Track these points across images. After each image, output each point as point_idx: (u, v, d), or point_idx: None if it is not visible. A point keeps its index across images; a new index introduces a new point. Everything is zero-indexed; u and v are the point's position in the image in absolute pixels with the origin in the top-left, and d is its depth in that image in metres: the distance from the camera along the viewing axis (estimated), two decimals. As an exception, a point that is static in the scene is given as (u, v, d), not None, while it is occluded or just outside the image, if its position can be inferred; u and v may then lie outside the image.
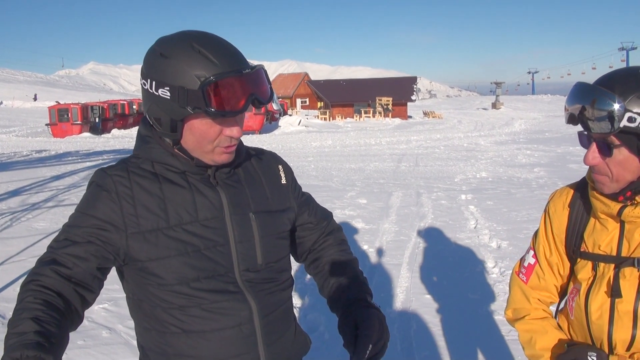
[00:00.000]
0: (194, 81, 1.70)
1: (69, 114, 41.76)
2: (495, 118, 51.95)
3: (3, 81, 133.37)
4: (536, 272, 2.27)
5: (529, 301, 2.27)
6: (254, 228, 1.94)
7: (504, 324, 5.59)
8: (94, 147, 29.19)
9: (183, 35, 1.80)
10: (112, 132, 43.72)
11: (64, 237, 1.79)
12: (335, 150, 25.58)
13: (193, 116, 1.77)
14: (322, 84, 73.79)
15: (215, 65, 1.71)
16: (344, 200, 12.10)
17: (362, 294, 2.08)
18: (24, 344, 1.49)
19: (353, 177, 16.03)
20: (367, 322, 1.92)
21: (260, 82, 1.80)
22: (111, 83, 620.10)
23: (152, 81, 1.77)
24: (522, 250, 7.23)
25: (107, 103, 48.38)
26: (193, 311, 1.84)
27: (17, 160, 20.95)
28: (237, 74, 1.73)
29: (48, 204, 11.54)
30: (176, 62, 1.73)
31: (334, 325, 5.33)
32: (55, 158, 21.70)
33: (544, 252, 2.24)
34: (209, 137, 1.81)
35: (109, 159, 20.82)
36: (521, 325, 2.27)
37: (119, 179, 1.84)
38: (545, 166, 17.75)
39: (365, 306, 2.00)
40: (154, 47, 1.81)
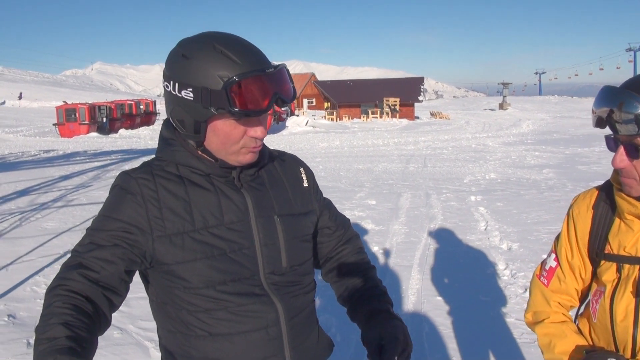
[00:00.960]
0: (217, 81, 1.69)
1: (76, 113, 41.87)
2: (502, 119, 51.87)
3: (10, 81, 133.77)
4: (557, 275, 2.25)
5: (549, 304, 2.26)
6: (279, 231, 1.93)
7: (516, 326, 5.57)
8: (101, 147, 29.28)
9: (205, 37, 1.79)
10: (120, 132, 43.81)
11: (89, 241, 1.77)
12: (343, 151, 25.58)
13: (217, 117, 1.76)
14: (329, 85, 73.78)
15: (238, 65, 1.70)
16: (353, 201, 12.08)
17: (384, 304, 2.07)
18: (56, 349, 1.47)
19: (362, 177, 16.03)
20: (391, 334, 1.91)
21: (283, 80, 1.78)
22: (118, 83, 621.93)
23: (174, 83, 1.76)
24: (533, 253, 7.24)
25: (115, 103, 48.48)
26: (219, 314, 1.83)
27: (25, 160, 21.05)
28: (260, 73, 1.72)
29: (57, 203, 11.58)
30: (199, 62, 1.72)
31: (346, 327, 5.33)
32: (63, 158, 21.78)
33: (566, 255, 2.23)
34: (234, 138, 1.80)
35: (117, 159, 20.87)
36: (540, 329, 2.26)
37: (144, 181, 1.82)
38: (554, 167, 17.70)
39: (389, 317, 1.99)
40: (176, 49, 1.81)
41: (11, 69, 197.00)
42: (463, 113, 66.34)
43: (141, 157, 21.28)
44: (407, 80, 71.61)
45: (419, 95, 64.45)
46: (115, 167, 17.91)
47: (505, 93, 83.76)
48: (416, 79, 69.97)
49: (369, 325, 1.99)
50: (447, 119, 55.01)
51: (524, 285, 6.65)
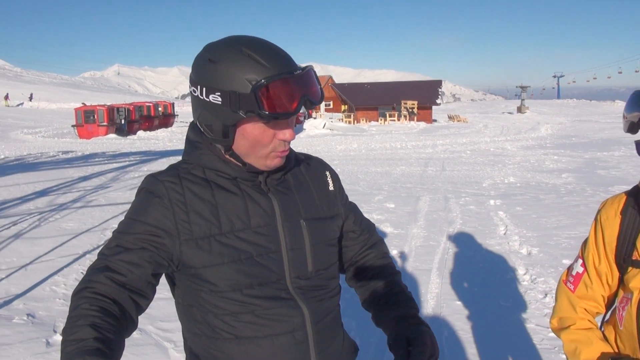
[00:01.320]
0: (245, 85, 1.69)
1: (95, 115, 42.15)
2: (521, 122, 51.63)
3: (28, 82, 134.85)
4: (584, 281, 2.24)
5: (576, 311, 2.25)
6: (305, 235, 1.92)
7: (535, 332, 5.54)
8: (120, 148, 29.43)
9: (231, 40, 1.79)
10: (138, 133, 44.03)
11: (116, 244, 1.77)
12: (361, 153, 25.55)
13: (245, 120, 1.75)
14: (346, 87, 73.84)
15: (265, 68, 1.70)
16: (372, 204, 12.08)
17: (411, 309, 2.05)
18: (84, 350, 1.47)
19: (380, 180, 16.01)
20: (419, 340, 1.88)
21: (311, 82, 1.78)
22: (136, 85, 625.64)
23: (202, 87, 1.75)
24: (553, 258, 7.19)
25: (133, 105, 48.74)
26: (246, 317, 1.83)
27: (44, 161, 21.19)
28: (288, 75, 1.71)
29: (76, 204, 11.65)
30: (226, 66, 1.71)
31: (365, 330, 5.32)
32: (82, 159, 21.91)
33: (593, 260, 2.21)
34: (263, 141, 1.80)
35: (136, 160, 20.95)
36: (566, 335, 2.24)
37: (171, 185, 1.82)
38: (573, 172, 17.59)
39: (417, 323, 1.97)
40: (202, 54, 1.80)
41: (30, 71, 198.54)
42: (481, 116, 66.11)
43: (159, 158, 21.37)
44: (424, 83, 71.55)
45: (437, 98, 64.32)
46: (134, 169, 17.99)
47: (524, 96, 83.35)
48: (434, 82, 69.87)
49: (395, 331, 1.96)
50: (465, 122, 54.80)
51: (543, 290, 6.61)
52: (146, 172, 16.56)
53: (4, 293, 6.41)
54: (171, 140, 36.75)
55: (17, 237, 8.67)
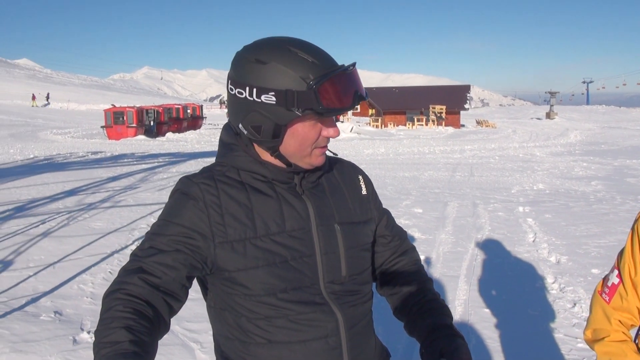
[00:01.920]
0: (301, 83, 1.69)
1: (124, 116, 42.45)
2: (550, 128, 51.19)
3: (58, 84, 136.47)
4: (619, 292, 2.20)
5: (610, 322, 2.21)
6: (339, 239, 1.91)
7: (564, 342, 5.48)
8: (149, 149, 29.62)
9: (275, 41, 1.78)
10: (167, 135, 44.29)
11: (149, 246, 1.76)
12: (388, 158, 25.48)
13: (296, 120, 1.75)
14: (374, 91, 73.69)
15: (317, 66, 1.71)
16: (399, 209, 12.03)
17: (446, 318, 2.01)
18: (120, 353, 1.47)
19: (408, 185, 15.94)
20: (455, 354, 1.84)
21: (358, 78, 1.79)
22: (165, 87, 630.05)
23: (252, 88, 1.74)
24: (582, 267, 7.12)
25: (162, 107, 49.05)
26: (279, 322, 1.82)
27: (73, 161, 21.42)
28: (342, 72, 1.73)
29: (104, 204, 11.75)
30: (277, 66, 1.71)
31: (392, 336, 5.29)
32: (111, 159, 22.10)
33: (629, 271, 2.16)
34: (311, 139, 1.80)
35: (164, 161, 21.09)
36: (600, 347, 2.20)
37: (206, 187, 1.81)
38: (602, 179, 17.39)
39: (452, 334, 1.92)
40: (245, 55, 1.78)
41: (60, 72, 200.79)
42: (510, 122, 65.65)
43: (188, 160, 21.46)
44: (453, 87, 71.22)
45: (465, 103, 64.00)
46: (163, 170, 18.09)
47: (553, 102, 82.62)
48: (462, 87, 69.53)
49: (429, 340, 1.93)
50: (493, 128, 54.45)
51: (572, 299, 6.53)
52: (174, 173, 16.70)
53: (32, 290, 6.47)
54: (199, 142, 36.94)
55: (45, 236, 8.76)
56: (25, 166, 19.29)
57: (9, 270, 7.13)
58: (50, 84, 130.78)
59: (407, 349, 5.29)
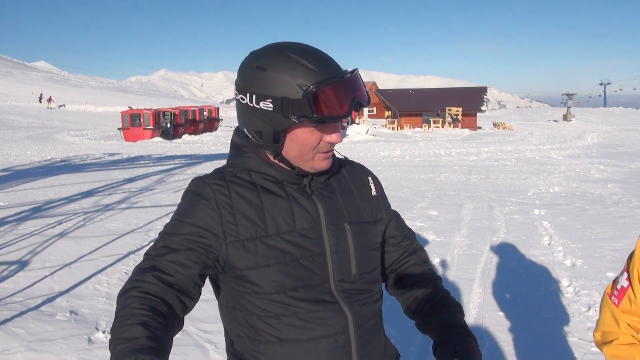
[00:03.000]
0: (297, 90, 1.72)
1: (141, 119, 42.64)
2: (566, 130, 50.87)
3: (75, 86, 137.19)
4: (628, 295, 2.19)
5: (619, 325, 2.21)
6: (349, 239, 1.93)
7: (578, 346, 5.45)
8: (165, 151, 29.75)
9: (277, 47, 1.81)
10: (183, 137, 44.48)
11: (163, 245, 1.79)
12: (404, 160, 25.44)
13: (295, 125, 1.78)
14: (390, 93, 73.55)
15: (315, 73, 1.73)
16: (414, 211, 12.02)
17: (459, 316, 2.03)
18: (137, 349, 1.49)
19: (423, 188, 15.92)
20: (467, 353, 1.87)
21: (358, 85, 1.80)
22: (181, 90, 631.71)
23: (252, 95, 1.78)
24: (597, 270, 7.06)
25: (179, 109, 49.22)
26: (289, 320, 1.84)
27: (90, 163, 21.54)
28: (338, 79, 1.74)
29: (121, 205, 11.82)
30: (276, 73, 1.74)
31: (405, 338, 5.29)
32: (128, 161, 22.22)
33: (638, 274, 2.16)
34: (311, 144, 1.83)
35: (181, 163, 21.17)
36: (608, 350, 2.21)
37: (218, 187, 1.85)
38: (619, 182, 17.26)
39: (465, 334, 1.95)
40: (249, 62, 1.83)
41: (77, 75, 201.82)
42: (526, 124, 65.31)
43: (204, 162, 21.56)
44: (469, 89, 70.91)
45: (482, 105, 63.73)
46: (179, 172, 18.18)
47: (570, 104, 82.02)
48: (479, 89, 69.21)
49: (443, 338, 1.94)
50: (510, 130, 54.19)
51: (587, 303, 6.50)
52: (191, 175, 16.77)
53: (48, 290, 6.53)
54: (215, 144, 37.06)
55: (62, 236, 8.83)
56: (43, 167, 19.44)
57: (25, 270, 7.19)
58: (67, 87, 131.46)
59: (420, 351, 5.29)
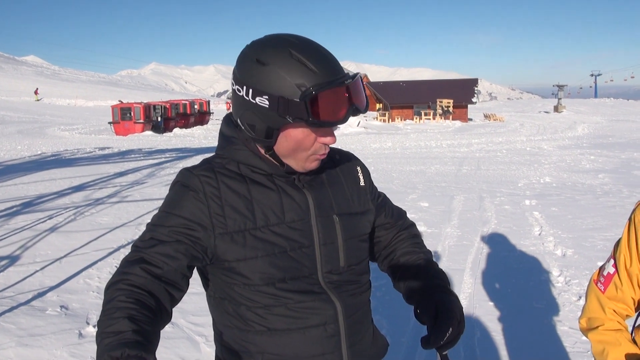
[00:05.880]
0: (295, 91, 1.68)
1: (131, 112, 42.56)
2: (557, 122, 50.94)
3: (66, 81, 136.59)
4: (614, 282, 2.20)
5: (604, 311, 2.21)
6: (338, 230, 1.93)
7: (569, 335, 5.47)
8: (156, 145, 29.71)
9: (279, 41, 1.77)
10: (174, 131, 44.38)
11: (150, 237, 1.78)
12: (395, 152, 25.46)
13: (290, 125, 1.75)
14: (382, 86, 73.54)
15: (316, 75, 1.69)
16: (405, 203, 12.00)
17: (442, 280, 2.04)
18: (123, 343, 1.47)
19: (414, 179, 15.94)
20: (448, 306, 1.88)
21: (359, 91, 1.77)
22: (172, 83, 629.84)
23: (248, 88, 1.74)
24: (588, 260, 7.10)
25: (169, 103, 49.13)
26: (278, 310, 1.85)
27: (81, 157, 21.50)
28: (339, 85, 1.71)
29: (111, 199, 11.81)
30: (275, 70, 1.70)
31: (397, 328, 5.30)
32: (118, 155, 22.19)
33: (625, 262, 2.17)
34: (305, 145, 1.81)
35: (171, 157, 21.16)
36: (594, 336, 2.21)
37: (206, 179, 1.83)
38: (609, 172, 17.33)
39: (448, 292, 1.97)
40: (248, 53, 1.79)
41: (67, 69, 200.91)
42: (517, 115, 65.39)
43: (195, 155, 21.53)
44: (460, 81, 70.96)
45: (473, 97, 63.79)
46: (170, 165, 18.15)
47: (560, 95, 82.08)
48: (470, 81, 69.26)
49: (424, 297, 1.96)
50: (501, 121, 54.25)
51: (578, 292, 6.52)
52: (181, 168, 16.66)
53: (39, 285, 6.52)
54: (206, 137, 37.01)
55: (53, 231, 8.82)
56: (33, 162, 19.39)
57: (16, 265, 7.18)
58: (58, 81, 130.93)
59: (411, 341, 5.31)
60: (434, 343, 1.82)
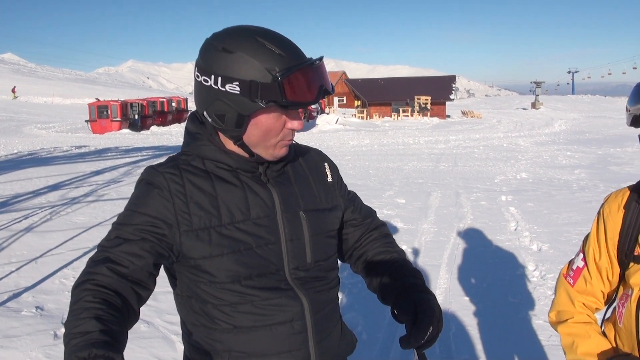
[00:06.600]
0: (265, 74, 1.69)
1: (108, 110, 42.20)
2: (535, 118, 51.24)
3: (43, 78, 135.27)
4: (584, 275, 2.22)
5: (574, 305, 2.23)
6: (304, 226, 1.93)
7: (544, 328, 5.51)
8: (133, 143, 29.51)
9: (243, 30, 1.78)
10: (151, 129, 44.10)
11: (116, 235, 1.76)
12: (373, 149, 25.50)
13: (260, 110, 1.75)
14: (360, 83, 73.59)
15: (284, 58, 1.71)
16: (383, 199, 12.04)
17: (417, 280, 2.02)
18: (91, 343, 1.46)
19: (391, 176, 15.97)
20: (427, 305, 1.85)
21: (325, 73, 1.80)
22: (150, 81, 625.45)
23: (217, 77, 1.73)
24: (563, 254, 7.15)
25: (147, 100, 48.76)
26: (245, 308, 1.84)
27: (57, 156, 21.30)
28: (308, 66, 1.73)
29: (88, 198, 11.72)
30: (244, 56, 1.71)
31: (372, 325, 5.32)
32: (95, 154, 22.01)
33: (594, 255, 2.19)
34: (275, 130, 1.81)
35: (148, 155, 21.04)
36: (564, 329, 2.22)
37: (171, 176, 1.83)
38: (586, 168, 17.50)
39: (425, 291, 1.95)
40: (213, 43, 1.78)
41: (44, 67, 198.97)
42: (495, 112, 65.71)
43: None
44: (438, 78, 71.18)
45: (451, 94, 64.00)
46: (147, 163, 17.72)
47: (538, 92, 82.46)
48: (448, 78, 69.47)
49: (401, 296, 1.93)
50: (478, 118, 54.49)
51: (553, 287, 6.54)
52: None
53: (14, 286, 6.46)
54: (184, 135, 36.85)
55: (28, 231, 8.74)
56: (9, 161, 19.17)
57: (-10, 266, 7.11)
58: (35, 79, 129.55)
59: (387, 337, 5.32)
60: (415, 342, 1.80)
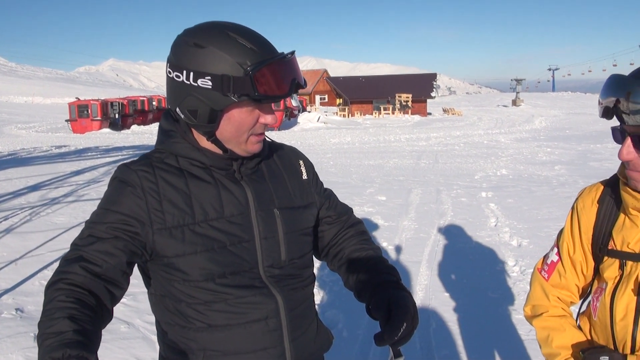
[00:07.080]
0: (237, 68, 1.69)
1: (88, 110, 41.97)
2: (515, 115, 51.53)
3: (23, 77, 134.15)
4: (558, 270, 2.22)
5: (549, 299, 2.23)
6: (279, 224, 1.93)
7: (524, 323, 5.54)
8: (113, 143, 29.36)
9: (214, 25, 1.78)
10: (132, 128, 43.93)
11: (89, 234, 1.76)
12: (354, 146, 25.52)
13: (233, 105, 1.75)
14: (341, 81, 73.68)
15: (256, 53, 1.71)
16: (363, 196, 12.06)
17: (393, 277, 2.02)
18: (64, 343, 1.44)
19: (372, 173, 15.99)
20: (401, 302, 1.85)
21: (297, 67, 1.80)
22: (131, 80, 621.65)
23: (189, 72, 1.73)
24: (543, 249, 7.21)
25: (127, 99, 48.52)
26: (218, 306, 1.84)
27: (37, 156, 21.15)
28: (280, 59, 1.74)
29: (68, 198, 11.64)
30: (215, 50, 1.71)
31: (352, 322, 5.33)
32: (75, 153, 21.87)
33: (568, 249, 2.19)
34: (247, 125, 1.81)
35: (129, 154, 20.94)
36: (539, 323, 2.23)
37: (144, 174, 1.82)
38: (565, 164, 17.61)
39: (399, 288, 1.95)
40: (184, 39, 1.78)
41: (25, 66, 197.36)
42: (476, 109, 66.03)
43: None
44: (419, 76, 71.36)
45: (432, 92, 64.22)
46: (127, 163, 17.89)
47: (519, 89, 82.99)
48: (429, 75, 69.68)
49: (376, 293, 1.93)
50: (459, 115, 54.73)
51: (531, 282, 6.61)
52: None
53: (-7, 288, 6.41)
54: (165, 134, 36.69)
55: (8, 232, 8.67)
56: (-12, 162, 19.04)
57: (-30, 268, 7.05)
58: (15, 78, 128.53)
59: (367, 334, 5.33)
60: (389, 339, 1.79)
